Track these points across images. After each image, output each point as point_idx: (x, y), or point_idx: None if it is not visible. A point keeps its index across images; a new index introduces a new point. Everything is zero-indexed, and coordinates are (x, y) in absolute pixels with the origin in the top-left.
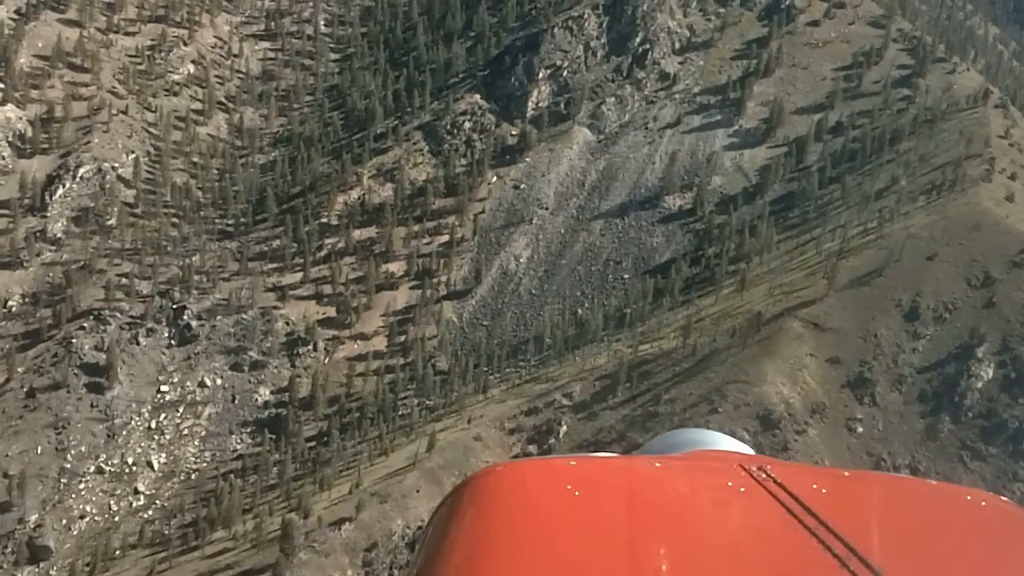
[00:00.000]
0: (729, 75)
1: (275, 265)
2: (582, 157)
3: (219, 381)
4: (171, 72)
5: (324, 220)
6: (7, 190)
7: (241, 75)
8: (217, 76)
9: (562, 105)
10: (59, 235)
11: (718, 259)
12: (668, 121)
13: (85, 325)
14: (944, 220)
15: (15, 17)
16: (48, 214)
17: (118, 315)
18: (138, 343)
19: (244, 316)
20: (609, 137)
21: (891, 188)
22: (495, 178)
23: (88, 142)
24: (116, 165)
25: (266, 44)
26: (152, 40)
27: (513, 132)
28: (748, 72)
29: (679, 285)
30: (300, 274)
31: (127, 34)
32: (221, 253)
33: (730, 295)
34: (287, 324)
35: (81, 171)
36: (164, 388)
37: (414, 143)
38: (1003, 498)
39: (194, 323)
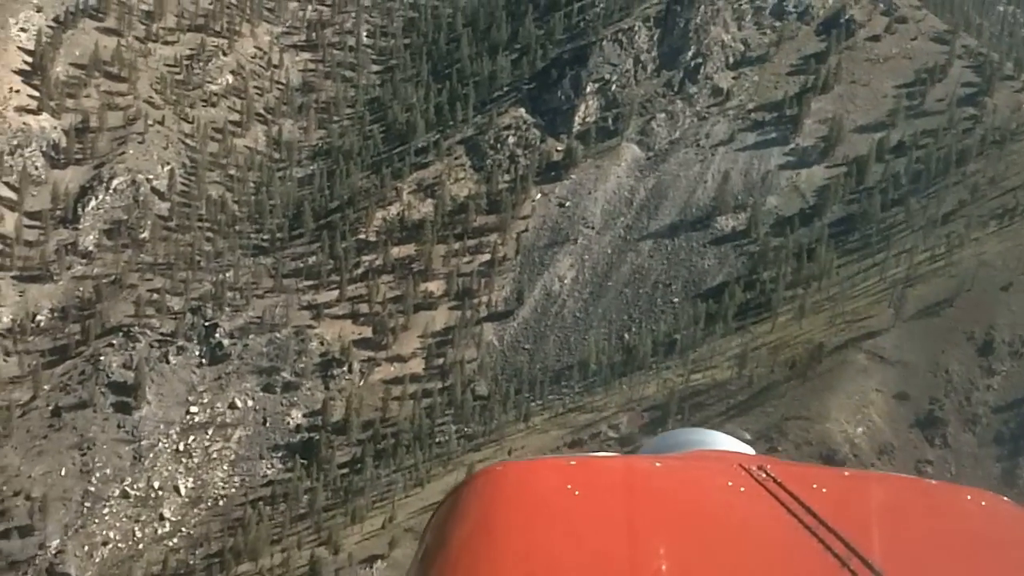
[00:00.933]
0: (785, 91)
1: (310, 282)
2: (630, 175)
3: (250, 403)
4: (209, 82)
5: (362, 236)
6: (39, 201)
7: (281, 86)
8: (256, 87)
9: (610, 120)
10: (90, 248)
11: (774, 284)
12: (721, 138)
13: (114, 342)
14: (1018, 247)
15: (53, 25)
16: (80, 226)
17: (148, 332)
18: (168, 362)
19: (277, 335)
20: (659, 154)
21: (959, 212)
22: (539, 195)
23: (123, 153)
24: (151, 177)
25: (307, 55)
26: (191, 50)
27: (559, 148)
28: (805, 88)
29: (733, 311)
30: (336, 292)
31: (166, 43)
32: (255, 269)
33: (788, 323)
34: (321, 344)
35: (115, 183)
36: (193, 409)
37: (456, 158)
38: (1003, 498)
39: (226, 341)
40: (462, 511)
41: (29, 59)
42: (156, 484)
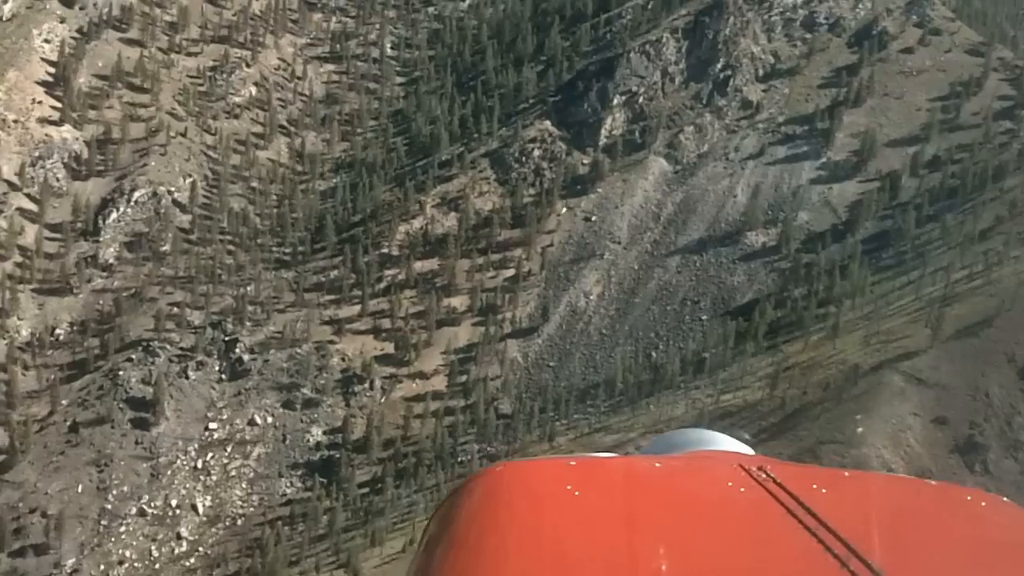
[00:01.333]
0: (817, 104)
1: (332, 297)
2: (658, 188)
3: (270, 419)
4: (232, 94)
5: (385, 250)
6: (60, 213)
7: (304, 98)
8: (279, 99)
9: (637, 133)
10: (111, 261)
11: (806, 302)
12: (751, 152)
13: (133, 357)
14: None
15: (76, 36)
16: (100, 239)
17: (167, 347)
18: (187, 377)
19: (298, 350)
20: (687, 168)
21: (996, 229)
22: (565, 209)
23: (144, 165)
24: (172, 189)
25: (331, 67)
26: (214, 61)
27: (585, 161)
28: (837, 101)
29: (763, 329)
30: (358, 307)
31: (189, 54)
32: (277, 283)
33: (820, 342)
34: (343, 360)
35: (136, 195)
36: (212, 425)
37: (480, 171)
38: (1003, 498)
39: (246, 357)
40: (462, 511)
41: (52, 70)
42: (174, 502)
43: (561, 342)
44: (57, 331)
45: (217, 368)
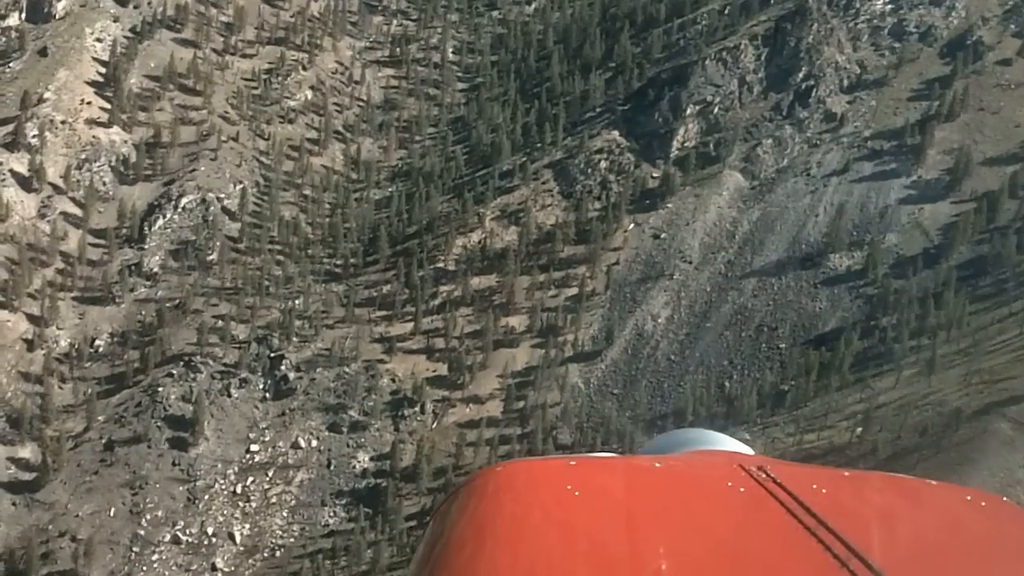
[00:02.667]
0: (906, 118)
1: (384, 313)
2: (733, 205)
3: (314, 443)
4: (287, 98)
5: (440, 265)
6: (105, 218)
7: (361, 103)
8: (336, 104)
9: (711, 146)
10: (155, 270)
11: (896, 332)
12: (834, 168)
13: (174, 372)
14: None
15: (129, 36)
16: (146, 246)
17: (210, 362)
18: (229, 395)
19: (347, 369)
20: (765, 183)
21: None
22: (632, 225)
23: (194, 170)
24: (222, 196)
25: (390, 71)
26: (270, 63)
27: (654, 174)
28: (928, 115)
29: (849, 361)
30: (410, 324)
31: (244, 56)
32: (326, 297)
33: (914, 378)
34: (393, 381)
35: (184, 201)
36: (254, 447)
37: (543, 183)
38: (1003, 498)
39: (292, 375)
40: (463, 511)
41: (103, 70)
42: (210, 530)
43: (626, 368)
44: (97, 342)
45: (261, 386)
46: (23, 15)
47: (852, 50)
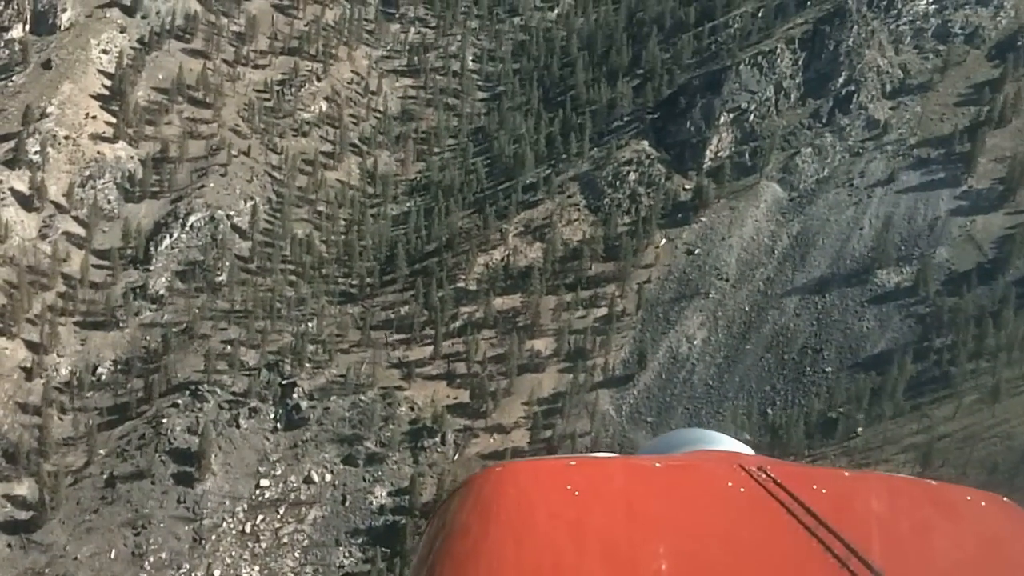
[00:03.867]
0: (955, 124)
1: (401, 336)
2: (771, 218)
3: (328, 477)
4: (301, 110)
5: (461, 284)
6: (110, 238)
7: (378, 114)
8: (351, 115)
9: (747, 155)
10: (161, 292)
11: (952, 355)
12: (878, 178)
13: (179, 401)
14: None
15: (136, 47)
16: (151, 267)
17: (218, 391)
18: (238, 426)
19: (362, 398)
20: (804, 195)
21: None
22: (664, 241)
23: (202, 186)
24: (232, 213)
25: (407, 80)
26: (283, 74)
27: (687, 186)
28: (977, 121)
29: (902, 386)
30: (430, 348)
31: (256, 67)
32: (341, 319)
33: (976, 406)
34: (411, 409)
35: (192, 219)
36: (264, 482)
37: (569, 196)
38: (1003, 498)
39: (304, 404)
40: (462, 511)
41: (108, 83)
42: (217, 572)
43: (660, 393)
44: (99, 370)
45: (272, 416)
46: (27, 27)
47: (894, 53)
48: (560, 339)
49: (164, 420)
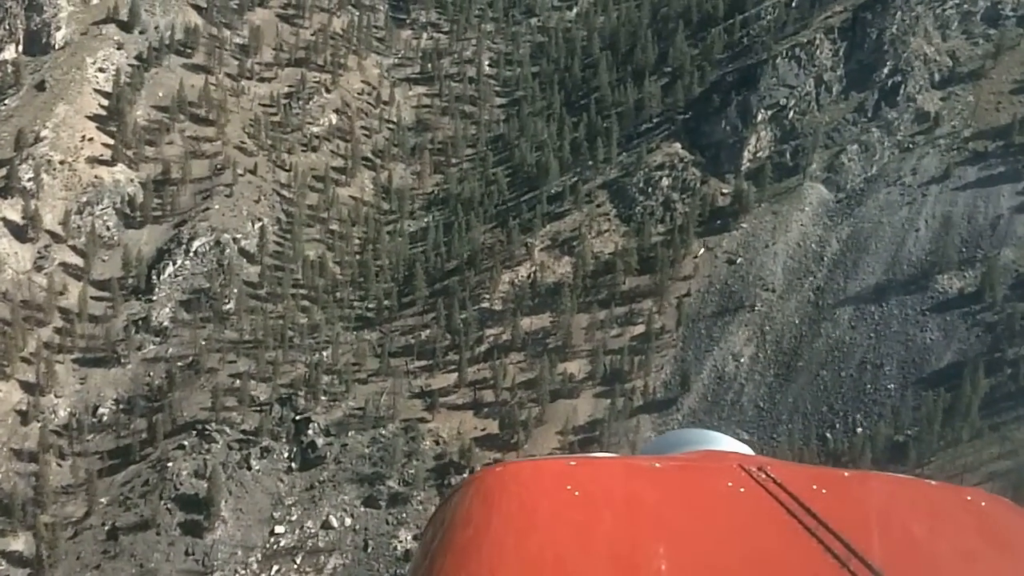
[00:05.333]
0: (1013, 113)
1: (423, 363)
2: (817, 222)
3: (348, 520)
4: (310, 123)
5: (485, 305)
6: (109, 267)
7: (391, 126)
8: (363, 127)
9: (788, 155)
10: (165, 324)
11: None
12: (932, 174)
13: (185, 443)
14: None
15: (134, 64)
16: (154, 297)
17: (226, 430)
18: (249, 467)
19: (383, 432)
20: (852, 195)
21: None
22: (703, 250)
23: (207, 208)
24: (238, 236)
25: (421, 89)
26: (290, 87)
27: (725, 190)
28: None
29: (976, 404)
30: (454, 375)
31: (261, 80)
32: (358, 347)
33: None
34: (436, 443)
35: (196, 244)
36: (279, 529)
37: (598, 205)
38: (1003, 499)
39: (320, 441)
40: (462, 511)
41: (105, 102)
42: None
43: (706, 417)
44: (100, 410)
45: (285, 455)
46: (20, 47)
47: (941, 40)
48: (595, 361)
49: (170, 464)
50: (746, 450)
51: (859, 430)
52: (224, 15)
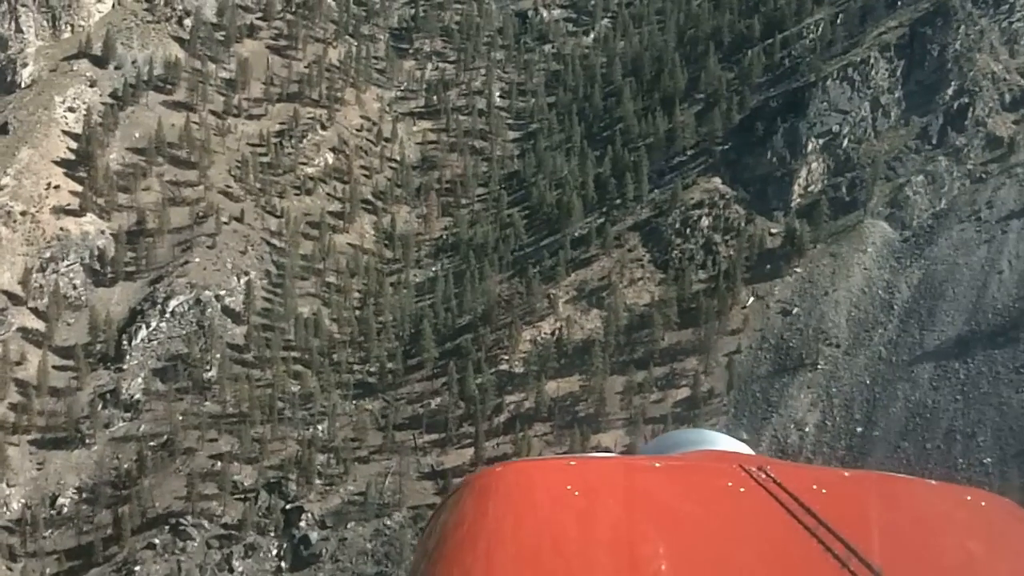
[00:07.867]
0: None
1: (433, 437)
2: (883, 265)
3: None
4: (303, 164)
5: (504, 367)
6: (74, 332)
7: (394, 164)
8: (363, 167)
9: (844, 188)
10: (136, 396)
11: None
12: (1011, 207)
13: (157, 541)
14: None
15: (108, 102)
16: (125, 366)
17: (205, 524)
18: (231, 569)
19: (387, 522)
20: (921, 233)
21: None
22: (752, 299)
23: (186, 262)
24: (222, 293)
25: (426, 123)
26: (281, 124)
27: (774, 230)
28: None
29: None
30: (470, 450)
31: (250, 117)
32: (358, 418)
33: None
34: None
35: (173, 303)
36: None
37: (629, 250)
38: (1003, 499)
39: (314, 534)
40: (462, 511)
41: (74, 145)
42: None
43: None
44: (59, 501)
45: (274, 553)
46: None
47: (1009, 56)
48: (633, 431)
49: (137, 567)
50: (746, 450)
51: None
52: (209, 47)
